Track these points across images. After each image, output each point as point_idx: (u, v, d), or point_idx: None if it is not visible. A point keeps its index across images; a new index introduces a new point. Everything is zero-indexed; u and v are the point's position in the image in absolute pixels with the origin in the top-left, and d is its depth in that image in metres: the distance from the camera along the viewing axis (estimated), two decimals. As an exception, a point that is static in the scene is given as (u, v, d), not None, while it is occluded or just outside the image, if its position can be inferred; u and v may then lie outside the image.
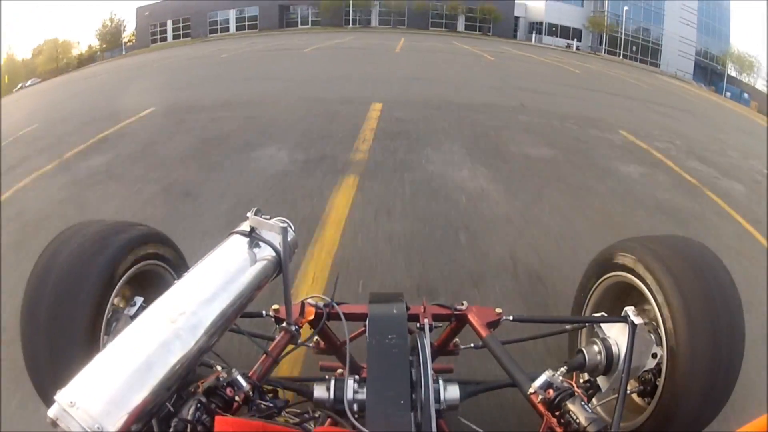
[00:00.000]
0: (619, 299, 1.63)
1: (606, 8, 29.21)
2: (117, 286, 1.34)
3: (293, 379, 1.32)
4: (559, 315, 2.21)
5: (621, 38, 28.63)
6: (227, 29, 26.07)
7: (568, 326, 1.73)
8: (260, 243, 1.28)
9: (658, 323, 1.37)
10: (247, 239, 1.27)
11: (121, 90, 10.86)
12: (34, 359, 1.21)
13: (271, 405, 1.09)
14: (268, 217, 1.32)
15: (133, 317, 1.39)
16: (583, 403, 1.15)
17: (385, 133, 6.03)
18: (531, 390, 1.21)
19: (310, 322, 1.43)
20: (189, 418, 0.98)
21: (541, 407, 1.20)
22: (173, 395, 0.99)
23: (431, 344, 1.35)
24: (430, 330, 1.35)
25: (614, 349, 1.42)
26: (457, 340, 1.65)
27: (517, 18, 29.45)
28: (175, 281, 1.17)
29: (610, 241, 1.71)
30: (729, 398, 1.30)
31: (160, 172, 4.78)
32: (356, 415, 1.08)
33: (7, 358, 2.04)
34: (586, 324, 1.69)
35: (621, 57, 27.79)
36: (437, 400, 1.14)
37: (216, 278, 1.17)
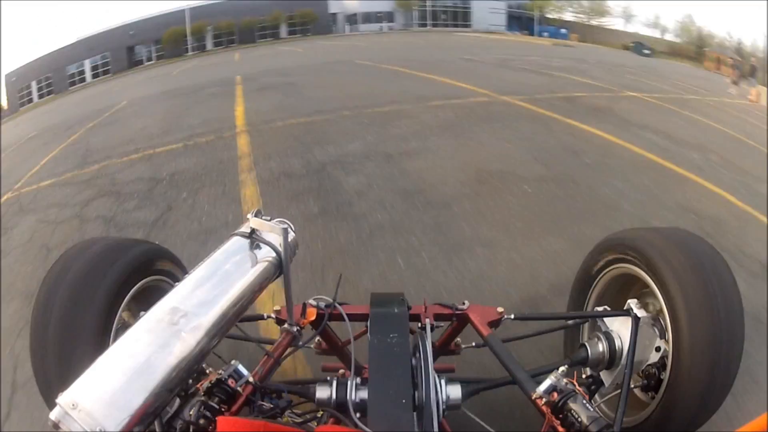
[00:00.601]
0: (622, 292, 1.63)
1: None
2: (124, 302, 1.35)
3: (295, 381, 1.32)
4: (561, 312, 2.21)
5: (428, 10, 32.71)
6: (84, 79, 27.81)
7: (570, 321, 1.72)
8: (261, 244, 1.28)
9: (662, 316, 1.37)
10: (247, 241, 1.28)
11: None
12: (44, 373, 1.22)
13: (273, 405, 1.09)
14: (268, 218, 1.32)
15: None
16: (584, 401, 1.15)
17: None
18: (535, 395, 1.20)
19: (312, 323, 1.43)
20: (191, 418, 0.98)
21: (544, 409, 1.20)
22: (175, 396, 1.00)
23: (432, 344, 1.35)
24: (432, 329, 1.35)
25: (617, 342, 1.41)
26: (458, 339, 1.64)
27: (334, 14, 32.74)
28: (176, 284, 1.17)
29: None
30: (730, 390, 1.30)
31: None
32: (359, 415, 1.08)
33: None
34: (589, 318, 1.69)
35: (430, 26, 32.02)
36: (439, 399, 1.14)
37: (217, 280, 1.17)
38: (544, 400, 1.19)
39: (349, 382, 1.12)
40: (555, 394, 1.18)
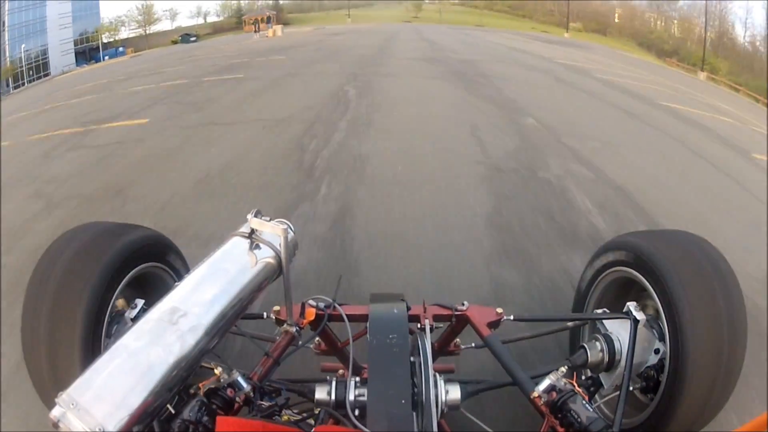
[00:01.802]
0: (621, 295, 1.63)
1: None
2: (118, 288, 1.34)
3: (295, 380, 1.32)
4: (561, 313, 2.21)
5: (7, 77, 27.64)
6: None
7: (569, 324, 1.72)
8: (261, 244, 1.28)
9: (660, 319, 1.37)
10: (247, 241, 1.28)
11: None
12: (36, 359, 1.21)
13: (271, 404, 1.10)
14: (268, 218, 1.32)
15: (134, 320, 1.40)
16: (584, 402, 1.15)
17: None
18: (535, 394, 1.20)
19: (311, 323, 1.43)
20: (190, 418, 0.98)
21: (543, 408, 1.20)
22: (174, 396, 1.00)
23: (432, 344, 1.35)
24: (431, 330, 1.35)
25: (616, 345, 1.42)
26: (458, 340, 1.64)
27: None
28: (176, 283, 1.17)
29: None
30: (732, 393, 1.29)
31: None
32: (358, 416, 1.08)
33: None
34: (588, 321, 1.69)
35: (13, 89, 25.61)
36: (438, 400, 1.14)
37: (217, 280, 1.17)
38: (543, 399, 1.19)
39: (348, 383, 1.12)
40: (554, 394, 1.19)
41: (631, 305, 1.45)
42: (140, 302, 1.46)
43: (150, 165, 4.74)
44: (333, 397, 1.11)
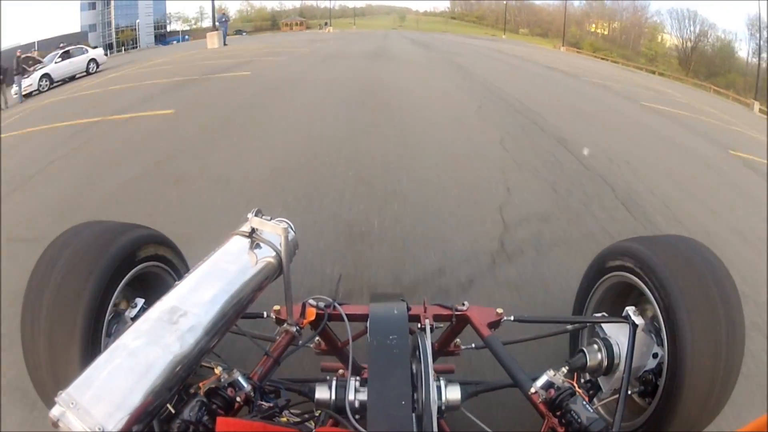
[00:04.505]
0: (620, 299, 1.63)
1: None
2: (118, 288, 1.34)
3: (294, 379, 1.32)
4: (561, 315, 2.21)
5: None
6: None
7: (569, 326, 1.72)
8: (261, 244, 1.28)
9: (658, 323, 1.37)
10: (247, 240, 1.28)
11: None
12: (35, 359, 1.21)
13: (272, 405, 1.09)
14: (268, 218, 1.32)
15: (133, 319, 1.39)
16: (584, 403, 1.15)
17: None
18: (532, 390, 1.21)
19: (311, 323, 1.43)
20: (190, 418, 0.98)
21: (542, 407, 1.20)
22: (174, 396, 0.99)
23: (432, 344, 1.35)
24: (431, 330, 1.34)
25: (615, 349, 1.42)
26: (458, 340, 1.64)
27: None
28: (176, 283, 1.17)
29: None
30: (729, 398, 1.30)
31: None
32: (357, 416, 1.08)
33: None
34: (587, 324, 1.69)
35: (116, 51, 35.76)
36: (438, 400, 1.14)
37: (217, 279, 1.17)
38: (541, 397, 1.19)
39: (347, 383, 1.12)
40: (552, 391, 1.19)
41: (630, 310, 1.45)
42: (140, 302, 1.45)
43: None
44: (333, 397, 1.11)
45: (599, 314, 1.61)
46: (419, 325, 1.36)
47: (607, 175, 4.66)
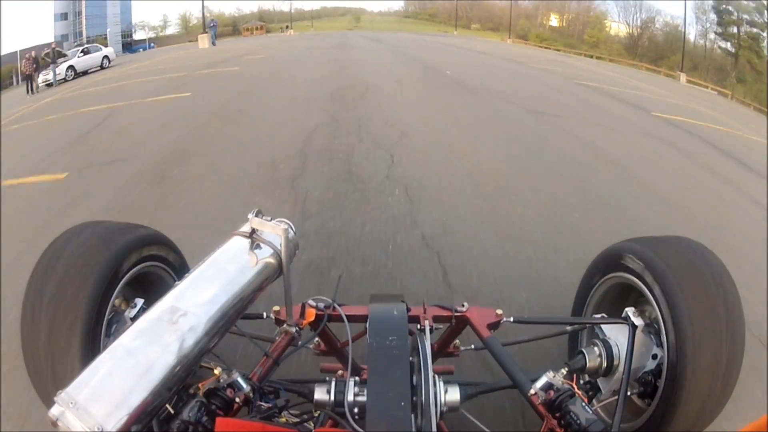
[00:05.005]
0: (620, 300, 1.63)
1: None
2: (118, 287, 1.34)
3: (294, 380, 1.32)
4: (560, 316, 2.21)
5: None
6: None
7: (568, 327, 1.72)
8: (261, 244, 1.28)
9: (658, 324, 1.37)
10: (248, 240, 1.28)
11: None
12: (35, 358, 1.21)
13: (271, 405, 1.09)
14: (269, 218, 1.32)
15: (133, 319, 1.39)
16: (583, 404, 1.15)
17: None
18: (532, 392, 1.21)
19: (311, 324, 1.43)
20: (189, 418, 0.98)
21: (541, 408, 1.20)
22: (174, 396, 1.00)
23: (432, 345, 1.35)
24: (431, 331, 1.34)
25: (615, 350, 1.42)
26: (457, 341, 1.64)
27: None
28: (176, 283, 1.17)
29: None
30: (728, 400, 1.30)
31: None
32: (357, 417, 1.08)
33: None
34: (587, 325, 1.69)
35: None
36: (437, 401, 1.14)
37: (216, 279, 1.17)
38: (541, 398, 1.19)
39: (347, 384, 1.12)
40: (551, 392, 1.19)
41: (630, 311, 1.45)
42: (140, 301, 1.45)
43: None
44: (332, 398, 1.11)
45: (599, 315, 1.61)
46: (419, 326, 1.36)
47: (462, 81, 10.41)
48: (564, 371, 1.31)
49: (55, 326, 1.20)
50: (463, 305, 1.53)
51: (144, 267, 1.47)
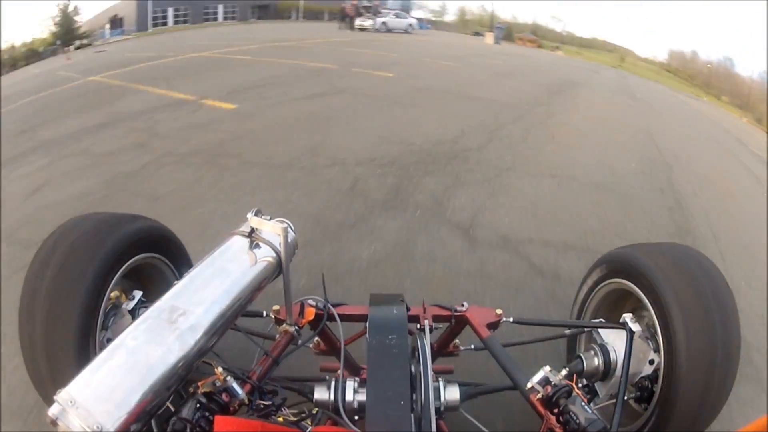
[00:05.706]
0: (617, 306, 1.64)
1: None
2: (115, 279, 1.33)
3: (294, 379, 1.32)
4: (559, 319, 2.22)
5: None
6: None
7: (567, 330, 1.73)
8: (260, 244, 1.28)
9: (655, 330, 1.37)
10: (247, 240, 1.27)
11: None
12: (33, 353, 1.20)
13: (270, 404, 1.09)
14: (268, 217, 1.31)
15: (131, 311, 1.39)
16: (583, 403, 1.15)
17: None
18: (529, 385, 1.20)
19: (311, 323, 1.43)
20: (189, 417, 0.98)
21: (540, 407, 1.20)
22: (173, 395, 1.00)
23: (431, 345, 1.35)
24: (431, 331, 1.35)
25: (612, 355, 1.42)
26: (457, 341, 1.65)
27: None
28: (176, 281, 1.17)
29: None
30: (724, 405, 1.30)
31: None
32: (356, 416, 1.09)
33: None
34: (585, 329, 1.69)
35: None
36: (437, 400, 1.14)
37: (216, 279, 1.17)
38: (539, 395, 1.19)
39: (346, 383, 1.12)
40: (549, 388, 1.18)
41: (627, 316, 1.45)
42: (138, 294, 1.44)
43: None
44: (332, 397, 1.11)
45: (597, 320, 1.61)
46: (418, 326, 1.36)
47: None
48: (564, 372, 1.31)
49: (52, 320, 1.19)
50: (462, 305, 1.54)
51: (142, 258, 1.45)
